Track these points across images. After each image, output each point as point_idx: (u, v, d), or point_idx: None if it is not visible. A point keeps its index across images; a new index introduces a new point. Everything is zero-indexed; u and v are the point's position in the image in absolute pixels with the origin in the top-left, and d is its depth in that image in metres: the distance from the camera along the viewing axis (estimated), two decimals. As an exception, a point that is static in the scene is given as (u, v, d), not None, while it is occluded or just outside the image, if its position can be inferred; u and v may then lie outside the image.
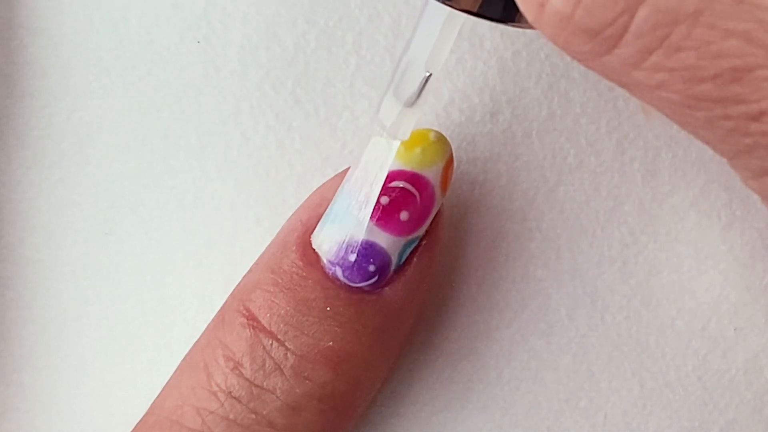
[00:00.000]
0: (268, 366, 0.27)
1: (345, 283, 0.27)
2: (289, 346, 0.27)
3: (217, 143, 0.30)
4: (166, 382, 0.28)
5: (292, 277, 0.27)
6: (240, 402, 0.27)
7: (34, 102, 0.30)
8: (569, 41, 0.21)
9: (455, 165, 0.28)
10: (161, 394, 0.28)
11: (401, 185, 0.27)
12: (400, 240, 0.27)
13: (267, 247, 0.28)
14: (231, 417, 0.26)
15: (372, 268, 0.27)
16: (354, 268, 0.27)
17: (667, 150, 0.30)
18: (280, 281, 0.27)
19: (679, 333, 0.30)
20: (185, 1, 0.30)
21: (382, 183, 0.27)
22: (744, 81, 0.21)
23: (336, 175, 0.29)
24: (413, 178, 0.27)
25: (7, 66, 0.30)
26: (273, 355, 0.27)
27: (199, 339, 0.28)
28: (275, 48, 0.30)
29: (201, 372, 0.27)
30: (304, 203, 0.29)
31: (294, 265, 0.27)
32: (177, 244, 0.30)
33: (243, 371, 0.27)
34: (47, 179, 0.30)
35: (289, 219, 0.29)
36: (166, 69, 0.30)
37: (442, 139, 0.28)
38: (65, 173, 0.30)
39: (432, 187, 0.27)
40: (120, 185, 0.30)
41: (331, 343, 0.27)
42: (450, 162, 0.28)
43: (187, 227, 0.30)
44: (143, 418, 0.28)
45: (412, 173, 0.27)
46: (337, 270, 0.27)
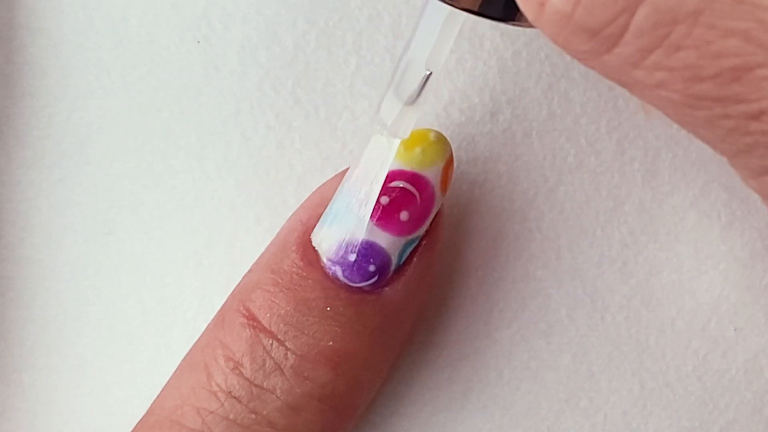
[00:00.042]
0: (268, 366, 0.27)
1: (345, 283, 0.27)
2: (289, 346, 0.27)
3: (217, 143, 0.30)
4: (166, 382, 0.28)
5: (292, 277, 0.27)
6: (240, 402, 0.27)
7: (34, 102, 0.30)
8: (569, 40, 0.21)
9: (455, 165, 0.28)
10: (161, 394, 0.28)
11: (401, 185, 0.27)
12: (400, 240, 0.27)
13: (267, 247, 0.28)
14: (231, 417, 0.26)
15: (372, 268, 0.27)
16: (354, 268, 0.27)
17: (667, 150, 0.30)
18: (280, 281, 0.27)
19: (679, 333, 0.30)
20: (185, 1, 0.30)
21: (382, 181, 0.27)
22: (744, 80, 0.21)
23: (336, 175, 0.29)
24: (413, 178, 0.27)
25: (7, 66, 0.30)
26: (273, 355, 0.27)
27: (199, 339, 0.28)
28: (275, 48, 0.30)
29: (201, 372, 0.27)
30: (304, 203, 0.29)
31: (294, 265, 0.27)
32: (177, 244, 0.30)
33: (243, 371, 0.27)
34: (47, 179, 0.30)
35: (289, 219, 0.29)
36: (166, 69, 0.30)
37: (442, 139, 0.28)
38: (65, 173, 0.30)
39: (432, 187, 0.27)
40: (120, 185, 0.30)
41: (331, 343, 0.27)
42: (450, 162, 0.28)
43: (187, 227, 0.30)
44: (143, 418, 0.28)
45: (412, 173, 0.27)
46: (337, 270, 0.27)
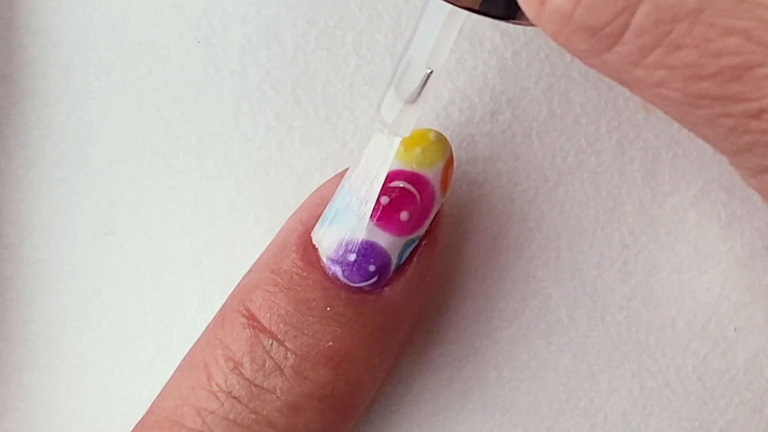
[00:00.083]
0: (268, 366, 0.27)
1: (345, 283, 0.27)
2: (289, 346, 0.27)
3: (217, 143, 0.30)
4: (166, 382, 0.28)
5: (292, 277, 0.27)
6: (240, 402, 0.27)
7: (34, 102, 0.30)
8: (569, 39, 0.21)
9: (455, 165, 0.28)
10: (161, 394, 0.28)
11: (401, 185, 0.27)
12: (400, 240, 0.27)
13: (267, 247, 0.28)
14: (231, 417, 0.26)
15: (372, 268, 0.27)
16: (354, 268, 0.27)
17: (667, 150, 0.30)
18: (280, 281, 0.27)
19: (679, 333, 0.30)
20: (185, 1, 0.30)
21: (383, 179, 0.27)
22: (744, 79, 0.21)
23: (336, 175, 0.29)
24: (413, 177, 0.27)
25: (7, 66, 0.30)
26: (273, 355, 0.27)
27: (199, 339, 0.28)
28: (275, 48, 0.30)
29: (201, 372, 0.27)
30: (304, 203, 0.29)
31: (294, 265, 0.27)
32: (177, 244, 0.30)
33: (243, 371, 0.27)
34: (47, 179, 0.30)
35: (289, 219, 0.29)
36: (166, 69, 0.30)
37: (442, 139, 0.28)
38: (65, 173, 0.30)
39: (432, 187, 0.27)
40: (120, 185, 0.30)
41: (331, 343, 0.27)
42: (450, 162, 0.28)
43: (187, 227, 0.30)
44: (143, 418, 0.28)
45: (412, 173, 0.27)
46: (337, 270, 0.27)
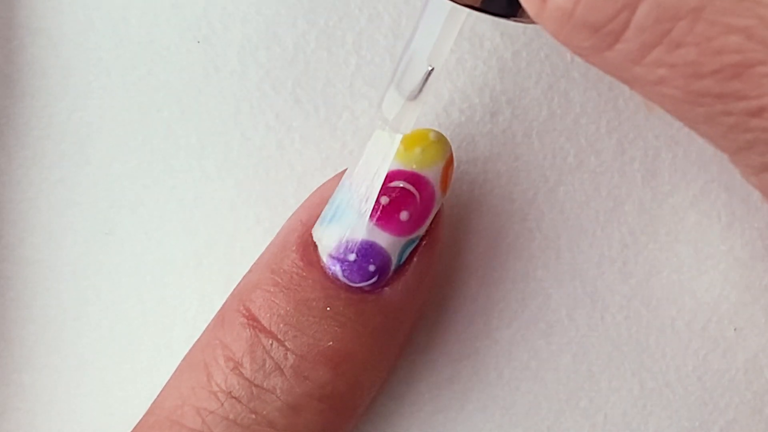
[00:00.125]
0: (268, 366, 0.27)
1: (345, 283, 0.27)
2: (289, 346, 0.27)
3: (217, 143, 0.30)
4: (166, 382, 0.28)
5: (292, 277, 0.27)
6: (240, 402, 0.27)
7: (34, 102, 0.30)
8: (570, 37, 0.21)
9: (455, 165, 0.28)
10: (161, 394, 0.28)
11: (401, 185, 0.27)
12: (400, 240, 0.27)
13: (267, 247, 0.28)
14: (231, 417, 0.26)
15: (372, 268, 0.27)
16: (354, 268, 0.27)
17: (667, 150, 0.30)
18: (280, 281, 0.27)
19: (679, 333, 0.30)
20: (185, 1, 0.30)
21: (384, 176, 0.27)
22: (744, 77, 0.21)
23: (336, 175, 0.29)
24: (413, 177, 0.27)
25: (7, 66, 0.30)
26: (273, 355, 0.27)
27: (199, 339, 0.28)
28: (275, 48, 0.30)
29: (201, 372, 0.27)
30: (304, 203, 0.29)
31: (294, 265, 0.27)
32: (177, 244, 0.30)
33: (243, 371, 0.27)
34: (47, 179, 0.30)
35: (289, 219, 0.28)
36: (166, 69, 0.30)
37: (442, 139, 0.28)
38: (65, 173, 0.30)
39: (432, 187, 0.27)
40: (120, 185, 0.30)
41: (331, 343, 0.27)
42: (450, 162, 0.28)
43: (187, 227, 0.30)
44: (143, 418, 0.28)
45: (412, 173, 0.27)
46: (337, 270, 0.27)
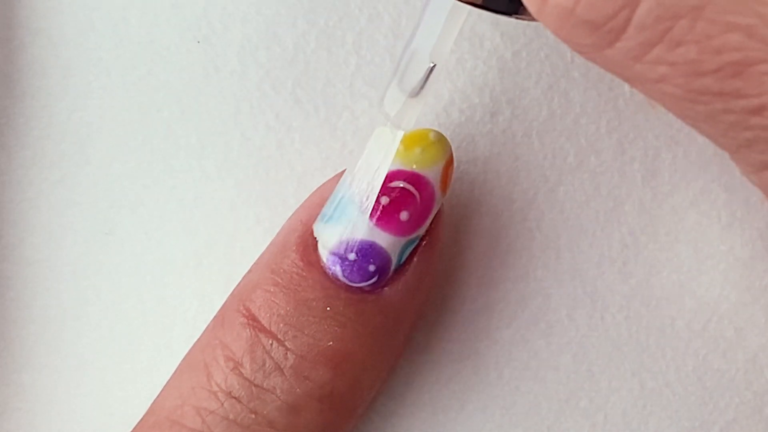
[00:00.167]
0: (268, 366, 0.27)
1: (345, 283, 0.27)
2: (289, 346, 0.27)
3: (217, 143, 0.30)
4: (166, 382, 0.28)
5: (292, 277, 0.27)
6: (240, 402, 0.27)
7: (34, 102, 0.30)
8: (571, 34, 0.21)
9: (455, 165, 0.28)
10: (161, 394, 0.28)
11: (401, 185, 0.27)
12: (400, 240, 0.27)
13: (267, 247, 0.28)
14: (231, 417, 0.26)
15: (372, 268, 0.27)
16: (354, 268, 0.27)
17: (667, 150, 0.30)
18: (280, 281, 0.27)
19: (679, 333, 0.30)
20: (185, 1, 0.30)
21: (385, 173, 0.27)
22: (744, 75, 0.21)
23: (336, 175, 0.29)
24: (413, 177, 0.27)
25: (7, 66, 0.30)
26: (273, 355, 0.27)
27: (199, 339, 0.28)
28: (275, 48, 0.30)
29: (201, 372, 0.27)
30: (304, 203, 0.29)
31: (294, 265, 0.27)
32: (177, 244, 0.30)
33: (243, 371, 0.27)
34: (47, 179, 0.30)
35: (289, 219, 0.28)
36: (166, 69, 0.30)
37: (442, 139, 0.28)
38: (65, 173, 0.30)
39: (432, 187, 0.27)
40: (120, 185, 0.30)
41: (331, 343, 0.27)
42: (450, 162, 0.28)
43: (187, 227, 0.30)
44: (143, 418, 0.28)
45: (412, 173, 0.27)
46: (337, 270, 0.27)
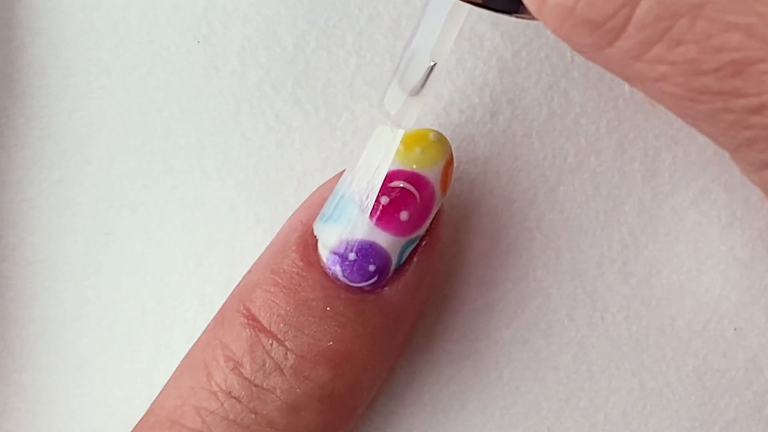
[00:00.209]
0: (268, 366, 0.27)
1: (345, 283, 0.27)
2: (289, 346, 0.27)
3: (217, 143, 0.30)
4: (166, 382, 0.28)
5: (292, 277, 0.27)
6: (240, 402, 0.27)
7: (34, 102, 0.30)
8: (571, 33, 0.21)
9: (455, 165, 0.28)
10: (161, 394, 0.28)
11: (401, 185, 0.27)
12: (400, 240, 0.27)
13: (267, 247, 0.28)
14: (231, 417, 0.26)
15: (372, 268, 0.27)
16: (354, 268, 0.27)
17: (667, 150, 0.30)
18: (280, 281, 0.27)
19: (679, 333, 0.30)
20: (185, 1, 0.30)
21: (386, 171, 0.27)
22: (744, 74, 0.21)
23: (336, 175, 0.29)
24: (413, 177, 0.27)
25: (7, 66, 0.30)
26: (273, 355, 0.27)
27: (199, 339, 0.28)
28: (275, 48, 0.30)
29: (201, 372, 0.27)
30: (304, 203, 0.29)
31: (294, 265, 0.27)
32: (177, 244, 0.30)
33: (243, 371, 0.27)
34: (47, 179, 0.30)
35: (289, 219, 0.28)
36: (166, 69, 0.30)
37: (442, 139, 0.28)
38: (65, 173, 0.30)
39: (432, 187, 0.27)
40: (120, 185, 0.30)
41: (331, 343, 0.27)
42: (450, 162, 0.28)
43: (187, 227, 0.30)
44: (143, 418, 0.28)
45: (412, 173, 0.27)
46: (337, 270, 0.27)
